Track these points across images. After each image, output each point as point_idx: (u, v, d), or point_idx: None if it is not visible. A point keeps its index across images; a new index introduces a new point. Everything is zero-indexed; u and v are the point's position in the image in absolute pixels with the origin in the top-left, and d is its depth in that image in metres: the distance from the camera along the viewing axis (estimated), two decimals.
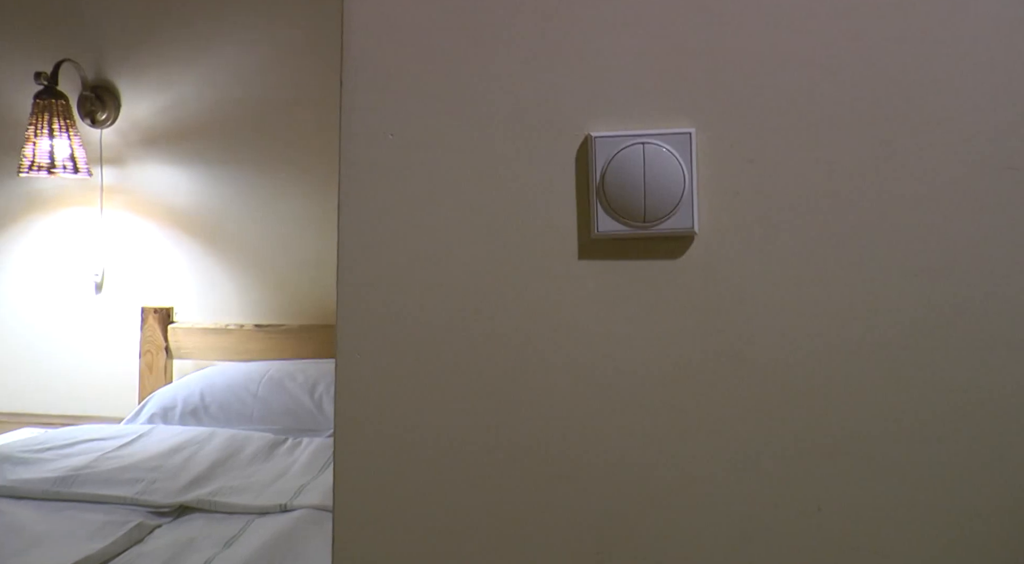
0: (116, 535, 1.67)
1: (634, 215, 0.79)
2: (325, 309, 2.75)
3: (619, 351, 0.80)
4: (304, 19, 2.75)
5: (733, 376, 0.78)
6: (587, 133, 0.81)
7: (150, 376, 2.78)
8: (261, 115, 2.79)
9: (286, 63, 2.77)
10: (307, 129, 2.76)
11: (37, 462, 2.04)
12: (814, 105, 0.77)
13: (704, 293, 0.79)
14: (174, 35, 2.82)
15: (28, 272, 2.94)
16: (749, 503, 0.78)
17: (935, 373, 0.76)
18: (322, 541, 1.63)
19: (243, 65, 2.79)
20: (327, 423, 2.34)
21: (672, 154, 0.78)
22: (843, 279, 0.76)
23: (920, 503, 0.76)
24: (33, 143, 2.68)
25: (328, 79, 2.75)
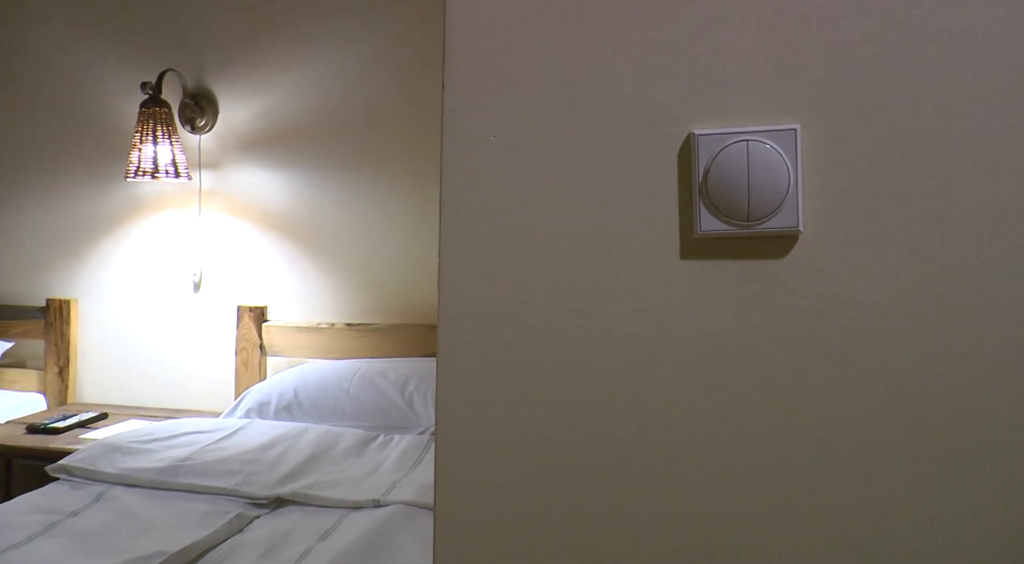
0: (218, 524, 1.74)
1: (737, 214, 0.78)
2: (415, 308, 2.80)
3: (722, 353, 0.79)
4: (394, 23, 2.81)
5: (841, 380, 0.75)
6: (690, 131, 0.80)
7: (245, 372, 2.87)
8: (353, 118, 2.85)
9: (376, 67, 2.83)
10: (398, 131, 2.81)
11: (144, 452, 2.14)
12: (926, 100, 0.75)
13: (809, 294, 0.77)
14: (269, 44, 2.91)
15: (132, 272, 3.08)
16: (859, 512, 0.75)
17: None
18: (415, 537, 1.66)
19: (335, 70, 2.86)
20: (417, 420, 2.38)
21: (776, 151, 0.77)
22: (956, 279, 0.74)
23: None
24: (138, 149, 2.80)
25: (417, 81, 2.79)
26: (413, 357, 2.68)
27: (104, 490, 1.98)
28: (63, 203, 3.14)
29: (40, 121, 3.15)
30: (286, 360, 2.88)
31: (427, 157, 2.78)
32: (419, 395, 2.41)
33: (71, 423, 2.66)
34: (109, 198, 3.09)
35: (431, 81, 2.77)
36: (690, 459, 0.80)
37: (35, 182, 3.16)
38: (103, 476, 2.04)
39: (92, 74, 3.08)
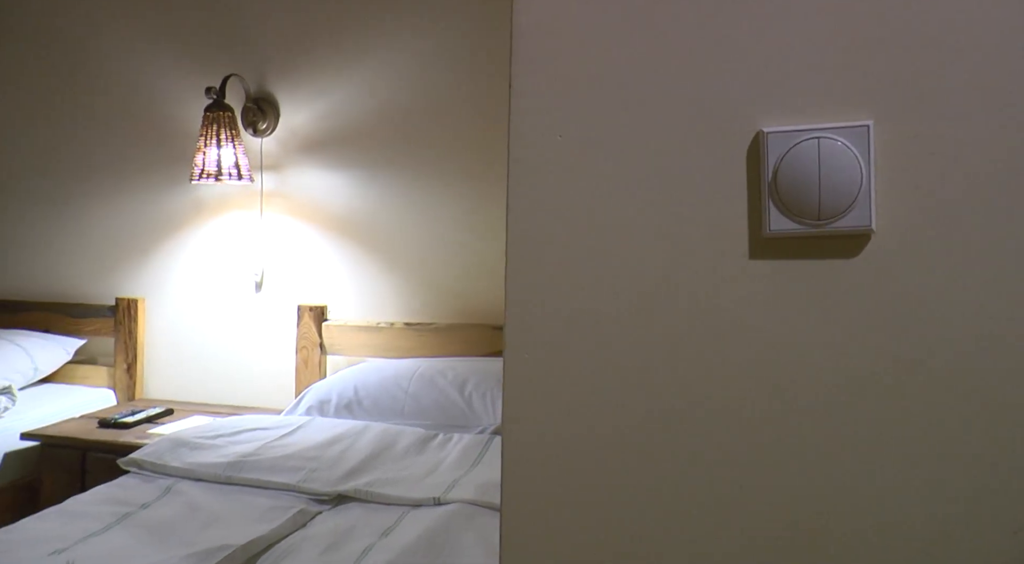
0: (282, 519, 1.77)
1: (808, 213, 0.77)
2: (472, 308, 2.82)
3: (791, 355, 0.77)
4: (452, 24, 2.83)
5: (914, 385, 0.73)
6: (759, 128, 0.79)
7: (305, 370, 2.92)
8: (411, 119, 2.88)
9: (434, 67, 2.86)
10: (456, 131, 2.83)
11: (209, 448, 2.19)
12: (1003, 94, 0.73)
13: (882, 295, 0.75)
14: (329, 47, 2.95)
15: (195, 272, 3.15)
16: (937, 523, 0.73)
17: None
18: (476, 535, 1.67)
19: (394, 72, 2.89)
20: (476, 420, 2.39)
21: (849, 148, 0.76)
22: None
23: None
24: (203, 152, 2.87)
25: (474, 81, 2.81)
26: (471, 356, 2.70)
27: (172, 483, 2.04)
28: (131, 205, 3.23)
29: (110, 126, 3.24)
30: (345, 359, 2.92)
31: (485, 157, 2.80)
32: (478, 394, 2.43)
33: (139, 418, 2.74)
34: (174, 200, 3.17)
35: (489, 80, 2.78)
36: (756, 463, 0.79)
37: (104, 185, 3.26)
38: (171, 470, 2.10)
39: (159, 80, 3.16)
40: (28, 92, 3.35)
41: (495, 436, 2.30)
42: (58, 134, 3.32)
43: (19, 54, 3.36)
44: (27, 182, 3.37)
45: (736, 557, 0.79)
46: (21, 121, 3.37)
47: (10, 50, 3.37)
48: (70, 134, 3.30)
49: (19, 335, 3.09)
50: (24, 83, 3.35)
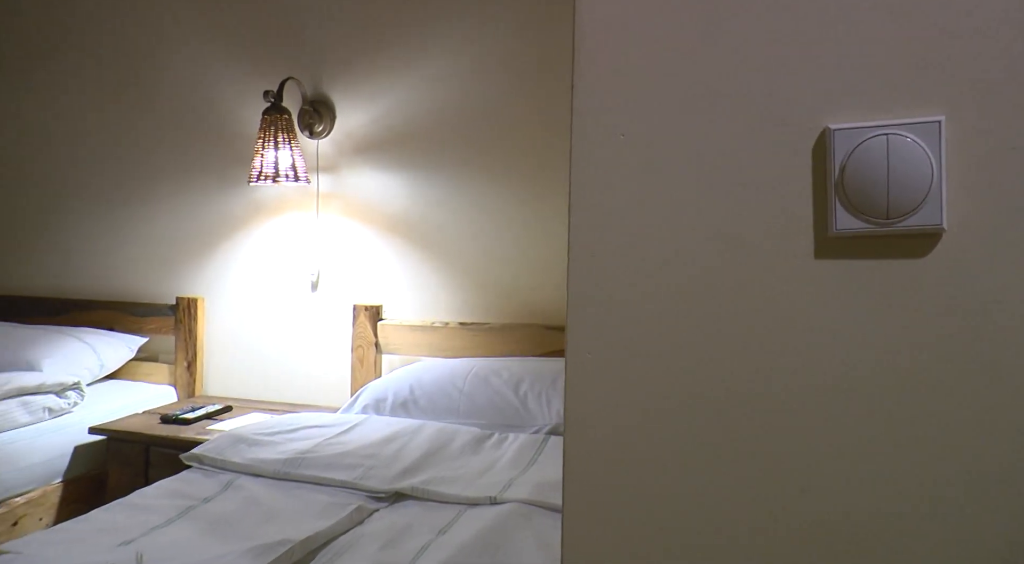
0: (340, 516, 1.79)
1: (876, 211, 0.76)
2: (527, 308, 2.82)
3: (858, 357, 0.76)
4: (507, 25, 2.84)
5: (986, 389, 0.72)
6: (825, 125, 0.78)
7: (361, 369, 2.96)
8: (466, 120, 2.90)
9: (490, 68, 2.87)
10: (511, 131, 2.84)
11: (268, 444, 2.23)
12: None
13: (953, 295, 0.73)
14: (384, 49, 2.98)
15: (253, 272, 3.21)
16: (1002, 527, 0.71)
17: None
18: (532, 535, 1.67)
19: (448, 73, 2.91)
20: (532, 419, 2.40)
21: (919, 145, 0.74)
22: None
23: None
24: (261, 155, 2.92)
25: (530, 82, 2.81)
26: (525, 356, 2.70)
27: (232, 479, 2.08)
28: (191, 207, 3.30)
29: (172, 131, 3.32)
30: (400, 358, 2.95)
31: (539, 157, 2.80)
32: (533, 394, 2.43)
33: (199, 414, 2.80)
34: (233, 202, 3.23)
35: (544, 81, 2.79)
36: (823, 465, 0.78)
37: (166, 188, 3.34)
38: (231, 465, 2.14)
39: (219, 85, 3.23)
40: (95, 100, 3.45)
41: (550, 436, 2.30)
42: (123, 140, 3.41)
43: (87, 63, 3.46)
44: (94, 187, 3.47)
45: (800, 554, 0.78)
46: (89, 128, 3.47)
47: (79, 60, 3.47)
48: (134, 140, 3.39)
49: (87, 333, 3.18)
50: (91, 91, 3.45)
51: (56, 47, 3.51)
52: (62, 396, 2.83)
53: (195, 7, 3.26)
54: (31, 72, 3.55)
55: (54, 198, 3.54)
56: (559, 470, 2.01)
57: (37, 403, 2.74)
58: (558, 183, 2.77)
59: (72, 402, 2.86)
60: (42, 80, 3.54)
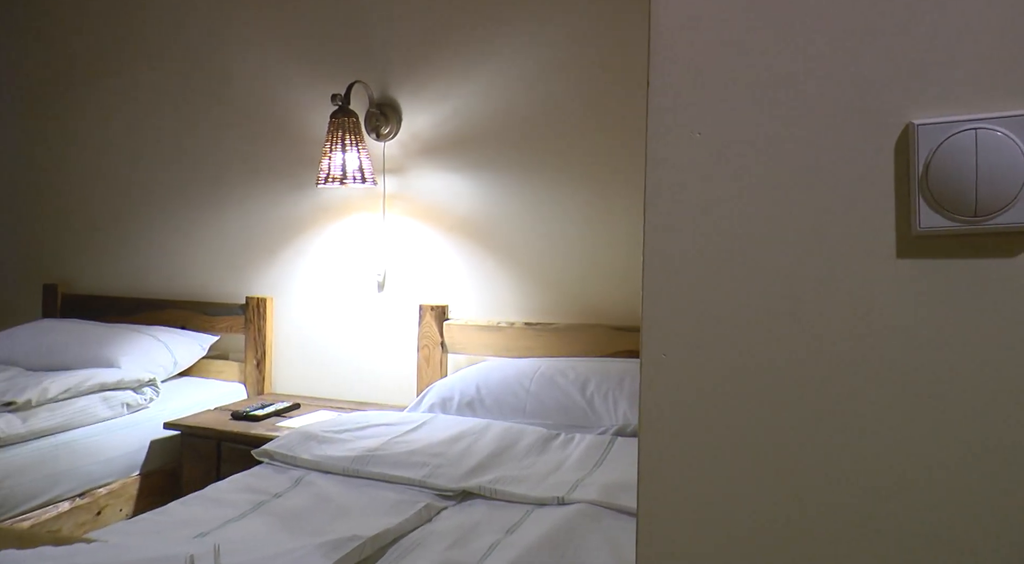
0: (408, 513, 1.81)
1: (963, 209, 0.74)
2: (593, 308, 2.82)
3: (942, 359, 0.74)
4: (573, 25, 2.83)
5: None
6: (908, 121, 0.76)
7: (427, 368, 2.98)
8: (531, 120, 2.90)
9: (554, 69, 2.87)
10: (576, 131, 2.84)
11: (337, 441, 2.26)
12: None
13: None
14: (450, 53, 3.01)
15: (320, 272, 3.26)
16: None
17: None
18: (602, 537, 1.67)
19: (513, 75, 2.92)
20: (598, 420, 2.39)
21: (1011, 139, 0.72)
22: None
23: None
24: (328, 157, 2.97)
25: (594, 82, 2.81)
26: (591, 357, 2.70)
27: (302, 475, 2.12)
28: (260, 209, 3.37)
29: (241, 134, 3.40)
30: (466, 357, 2.97)
31: (605, 157, 2.79)
32: (600, 395, 2.42)
33: (269, 411, 2.86)
34: (301, 203, 3.29)
35: (609, 81, 2.78)
36: (908, 472, 0.76)
37: (236, 191, 3.42)
38: (301, 462, 2.18)
39: (288, 90, 3.29)
40: (169, 107, 3.55)
41: (617, 438, 2.29)
42: (195, 146, 3.51)
43: (161, 72, 3.56)
44: (168, 192, 3.57)
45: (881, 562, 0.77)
46: (163, 135, 3.57)
47: (153, 68, 3.58)
48: (206, 145, 3.48)
49: (161, 331, 3.27)
50: (165, 98, 3.56)
51: (132, 56, 3.63)
52: (139, 392, 2.92)
53: (264, 15, 3.34)
54: (109, 80, 3.68)
55: (131, 203, 3.66)
56: (627, 471, 2.01)
57: (116, 398, 2.84)
58: (623, 183, 2.76)
59: (148, 398, 2.95)
60: (119, 88, 3.66)
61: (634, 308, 2.73)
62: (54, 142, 3.84)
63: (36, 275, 3.85)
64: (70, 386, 2.71)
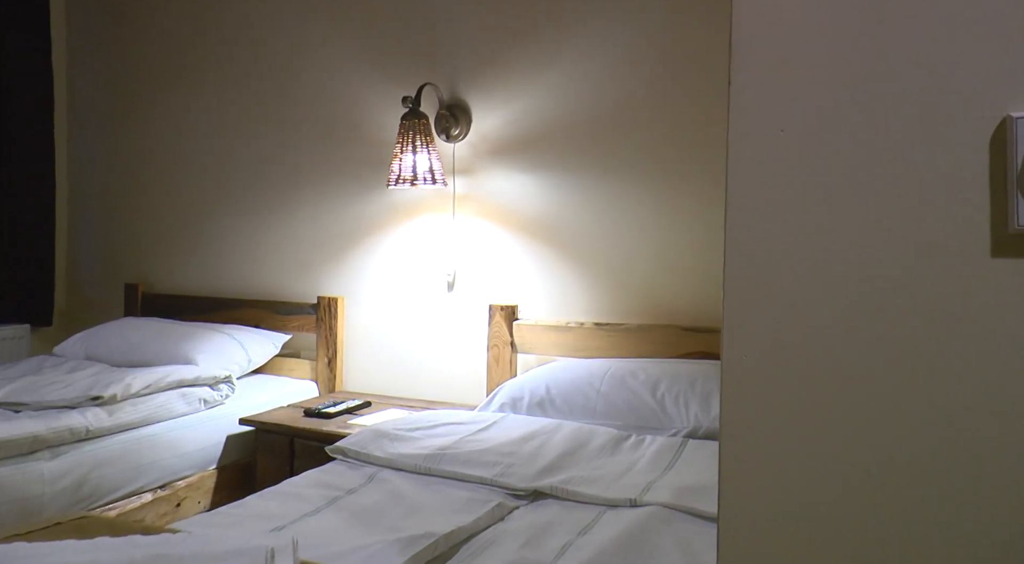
0: (481, 512, 1.82)
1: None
2: (663, 309, 2.79)
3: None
4: (642, 25, 2.82)
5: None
6: (1006, 114, 0.74)
7: (496, 368, 3.00)
8: (601, 120, 2.90)
9: (624, 68, 2.86)
10: (646, 131, 2.82)
11: (409, 439, 2.29)
12: None
13: None
14: (520, 54, 3.02)
15: (390, 272, 3.31)
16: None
17: None
18: (674, 540, 1.65)
19: (582, 73, 2.92)
20: (669, 422, 2.37)
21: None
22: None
23: None
24: (399, 159, 3.00)
25: (664, 80, 2.79)
26: (662, 358, 2.67)
27: (375, 472, 2.15)
28: (332, 210, 3.43)
29: (314, 137, 3.47)
30: (535, 357, 2.97)
31: (676, 157, 2.77)
32: (671, 396, 2.40)
33: (340, 409, 2.91)
34: (372, 204, 3.34)
35: (679, 79, 2.75)
36: (1001, 477, 0.73)
37: (309, 193, 3.49)
38: (374, 459, 2.21)
39: (360, 93, 3.35)
40: (244, 111, 3.65)
41: (688, 440, 2.27)
42: (269, 149, 3.59)
43: (236, 76, 3.66)
44: (242, 194, 3.66)
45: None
46: (237, 138, 3.67)
47: (228, 73, 3.67)
48: (279, 148, 3.56)
49: (236, 330, 3.36)
50: (240, 102, 3.65)
51: (208, 62, 3.73)
52: (215, 388, 3.00)
53: (337, 19, 3.39)
54: (186, 87, 3.79)
55: (207, 205, 3.76)
56: (699, 474, 1.99)
57: (194, 394, 2.92)
58: (695, 182, 2.74)
59: (224, 394, 3.03)
60: (196, 94, 3.77)
61: (705, 308, 2.70)
62: (135, 148, 3.97)
63: (118, 275, 3.99)
64: (151, 382, 2.80)
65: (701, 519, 1.76)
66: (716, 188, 2.68)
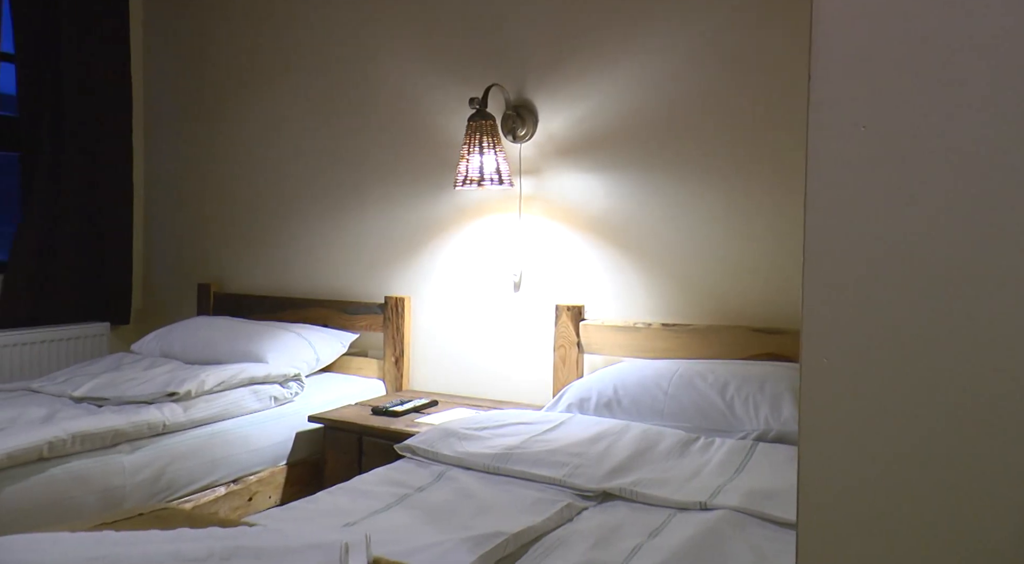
0: (550, 512, 1.82)
1: None
2: (731, 310, 2.76)
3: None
4: (710, 23, 2.78)
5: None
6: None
7: (563, 368, 2.99)
8: (668, 118, 2.87)
9: (690, 67, 2.83)
10: (713, 129, 2.79)
11: (477, 439, 2.30)
12: None
13: None
14: (586, 54, 3.01)
15: (457, 272, 3.33)
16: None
17: None
18: (746, 545, 1.63)
19: (650, 72, 2.89)
20: (739, 425, 2.33)
21: None
22: None
23: None
24: (466, 160, 3.02)
25: (733, 78, 2.75)
26: (731, 359, 2.64)
27: (444, 470, 2.16)
28: (399, 211, 3.47)
29: (382, 138, 3.51)
30: (602, 358, 2.96)
31: (744, 155, 2.73)
32: (740, 399, 2.37)
33: (407, 408, 2.94)
34: (438, 205, 3.37)
35: (746, 78, 2.71)
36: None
37: (376, 192, 3.53)
38: (442, 457, 2.23)
39: (427, 94, 3.38)
40: (314, 115, 3.71)
41: (758, 443, 2.23)
42: (337, 151, 3.65)
43: (307, 81, 3.72)
44: (311, 196, 3.73)
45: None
46: (307, 141, 3.73)
47: (300, 78, 3.74)
48: (348, 151, 3.62)
49: (304, 329, 3.42)
50: (310, 106, 3.72)
51: (279, 67, 3.81)
52: (285, 386, 3.06)
53: (404, 21, 3.43)
54: (257, 91, 3.87)
55: (276, 207, 3.84)
56: (770, 478, 1.96)
57: (264, 392, 2.99)
58: (763, 181, 2.70)
59: (294, 392, 3.08)
60: (266, 98, 3.85)
61: (775, 309, 2.66)
62: (207, 152, 4.08)
63: (191, 276, 4.11)
64: (224, 379, 2.87)
65: (773, 524, 1.74)
66: (784, 187, 2.64)
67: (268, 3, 3.84)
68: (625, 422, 2.41)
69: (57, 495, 2.30)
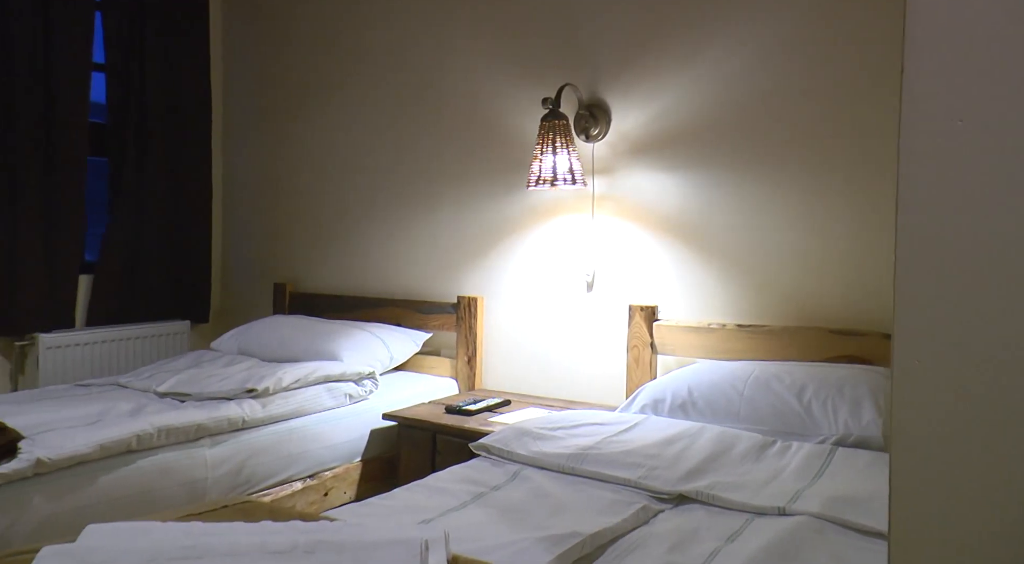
0: (626, 513, 1.81)
1: None
2: (807, 311, 2.70)
3: None
4: (785, 20, 2.73)
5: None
6: None
7: (636, 369, 2.97)
8: (741, 117, 2.83)
9: (764, 66, 2.78)
10: (788, 128, 2.73)
11: (551, 438, 2.30)
12: None
13: None
14: (660, 52, 2.98)
15: (529, 272, 3.33)
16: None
17: None
18: (827, 553, 1.59)
19: (724, 71, 2.85)
20: (816, 428, 2.28)
21: None
22: None
23: None
24: (539, 160, 3.02)
25: (809, 75, 2.69)
26: (807, 361, 2.58)
27: (519, 470, 2.17)
28: (472, 212, 3.50)
29: (455, 138, 3.54)
30: (675, 359, 2.93)
31: (821, 153, 2.67)
32: (818, 402, 2.31)
33: (480, 407, 2.96)
34: (511, 205, 3.38)
35: (824, 76, 2.65)
36: None
37: (450, 193, 3.57)
38: (517, 457, 2.23)
39: (499, 95, 3.39)
40: (388, 117, 3.76)
41: (837, 447, 2.17)
42: (411, 152, 3.69)
43: (381, 84, 3.78)
44: (385, 197, 3.78)
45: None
46: (381, 143, 3.79)
47: (374, 81, 3.80)
48: (421, 151, 3.66)
49: (378, 328, 3.47)
50: (384, 108, 3.77)
51: (355, 69, 3.87)
52: (360, 384, 3.11)
53: (477, 21, 3.45)
54: (334, 94, 3.95)
55: (351, 208, 3.91)
56: (851, 484, 1.91)
57: (339, 389, 3.04)
58: (841, 180, 2.64)
59: (368, 390, 3.13)
60: (343, 101, 3.92)
61: (854, 311, 2.59)
62: (282, 154, 4.18)
63: (268, 275, 4.21)
64: (300, 376, 2.93)
65: (856, 532, 1.69)
66: (864, 186, 2.58)
67: (340, 7, 3.91)
68: (700, 424, 2.38)
69: (145, 486, 2.39)
